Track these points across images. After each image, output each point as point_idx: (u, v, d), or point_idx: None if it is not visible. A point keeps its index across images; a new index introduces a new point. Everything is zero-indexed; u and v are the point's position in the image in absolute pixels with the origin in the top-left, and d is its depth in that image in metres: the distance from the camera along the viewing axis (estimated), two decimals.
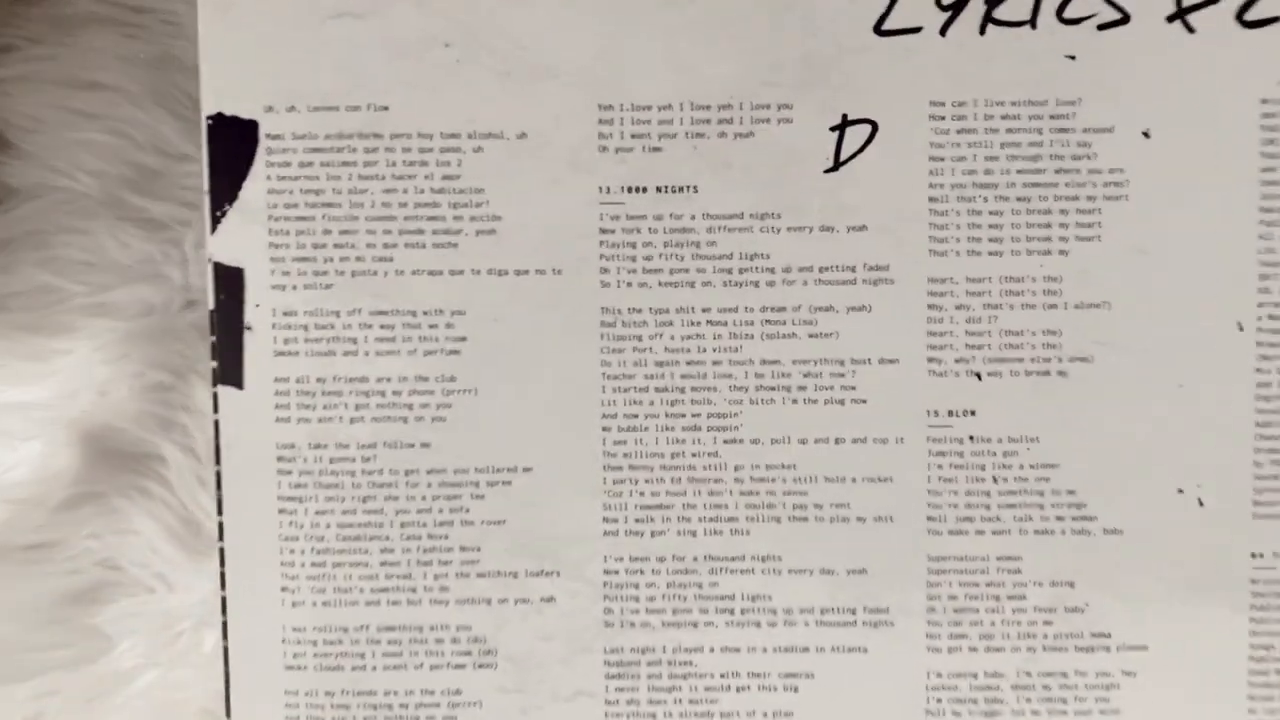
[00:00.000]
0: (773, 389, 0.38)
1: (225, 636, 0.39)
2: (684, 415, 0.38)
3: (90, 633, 0.42)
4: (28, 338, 0.41)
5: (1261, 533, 0.38)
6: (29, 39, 0.41)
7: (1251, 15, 0.37)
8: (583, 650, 0.39)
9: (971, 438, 0.38)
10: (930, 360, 0.38)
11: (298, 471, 0.38)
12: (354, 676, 0.39)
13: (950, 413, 0.38)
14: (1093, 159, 0.37)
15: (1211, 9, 0.37)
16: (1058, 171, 0.37)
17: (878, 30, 0.37)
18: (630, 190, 0.38)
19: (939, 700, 0.39)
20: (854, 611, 0.39)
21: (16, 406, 0.42)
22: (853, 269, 0.38)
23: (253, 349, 0.38)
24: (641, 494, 0.38)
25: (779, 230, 0.38)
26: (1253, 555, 0.38)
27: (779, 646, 0.39)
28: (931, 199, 0.38)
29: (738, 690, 0.39)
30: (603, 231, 0.38)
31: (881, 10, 0.37)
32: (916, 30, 0.37)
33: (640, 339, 0.38)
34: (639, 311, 0.38)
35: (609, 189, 0.38)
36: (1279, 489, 0.38)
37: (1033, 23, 0.37)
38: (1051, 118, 0.37)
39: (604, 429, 0.38)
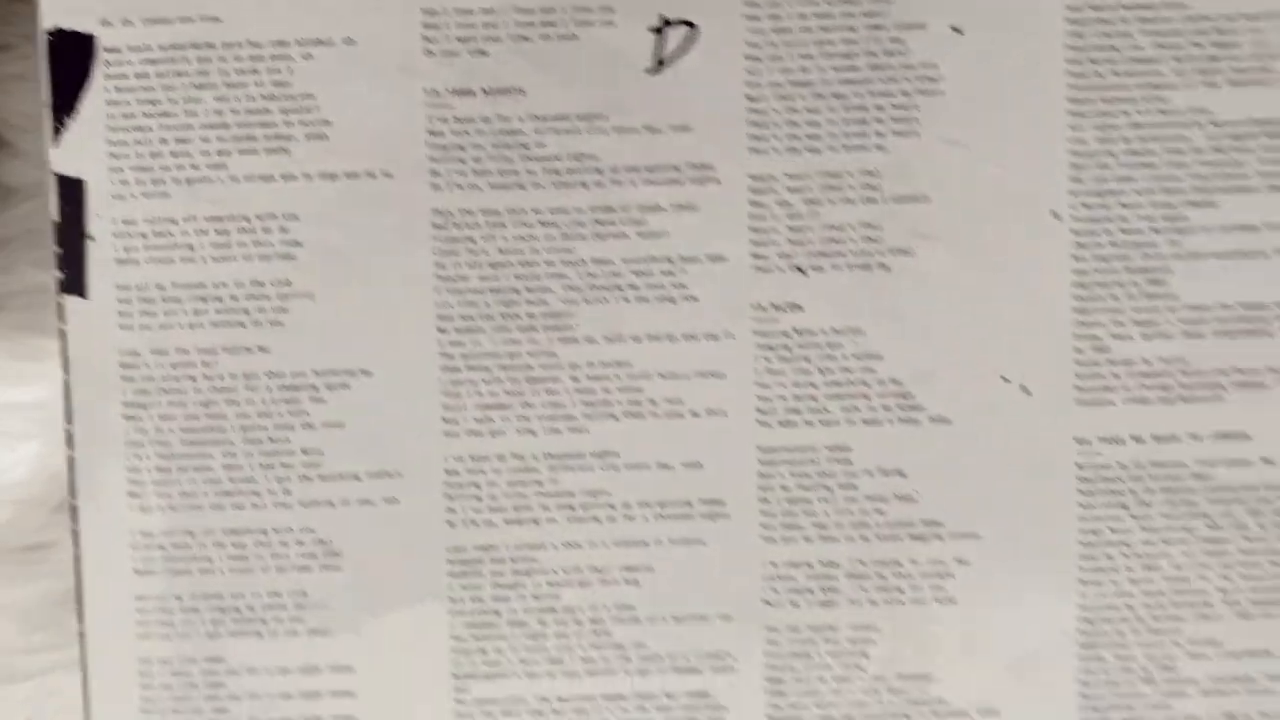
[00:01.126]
0: (605, 288, 0.39)
1: (76, 544, 0.40)
2: (519, 316, 0.39)
3: None
4: (26, 338, 0.42)
5: (1085, 418, 0.39)
6: (25, 36, 0.42)
7: None
8: (426, 550, 0.40)
9: (797, 331, 0.39)
10: (755, 256, 0.39)
11: (141, 378, 0.39)
12: (202, 580, 0.40)
13: (776, 307, 0.39)
14: (906, 55, 0.38)
15: None
16: (872, 68, 0.38)
17: None
18: (457, 93, 0.39)
19: (776, 590, 0.40)
20: (690, 505, 0.39)
21: (15, 407, 0.43)
22: (678, 169, 0.39)
23: (95, 258, 0.39)
24: (480, 394, 0.39)
25: (606, 131, 0.39)
26: (1077, 441, 0.39)
27: (619, 541, 0.39)
28: (750, 98, 0.39)
29: (580, 585, 0.40)
30: (431, 134, 0.39)
31: None
32: None
33: (473, 241, 0.39)
34: (470, 214, 0.39)
35: (437, 92, 0.39)
36: (1100, 375, 0.39)
37: None
38: (864, 15, 0.38)
39: (440, 330, 0.39)
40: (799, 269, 0.39)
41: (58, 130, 0.39)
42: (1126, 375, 0.39)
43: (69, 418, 0.39)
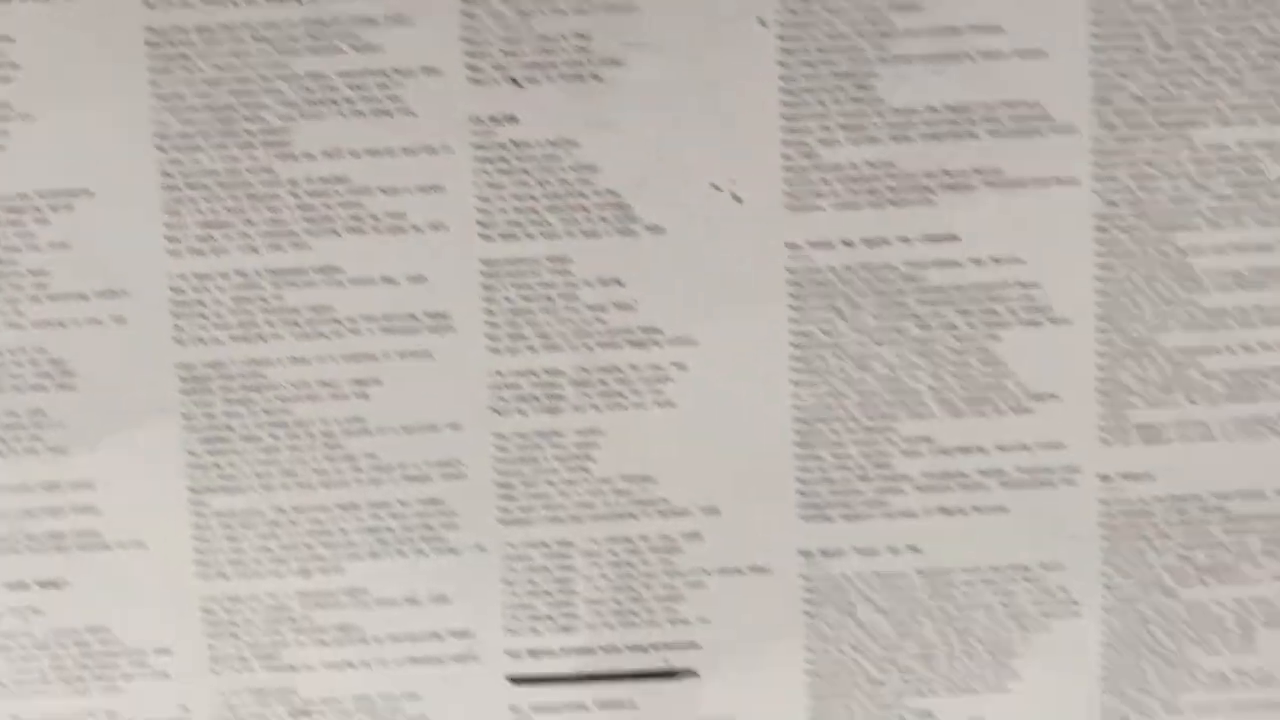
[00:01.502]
0: (322, 103, 0.39)
1: None
2: (237, 133, 0.39)
3: None
4: None
5: (795, 224, 0.40)
6: None
7: None
8: (156, 368, 0.40)
9: (515, 144, 0.40)
10: (470, 69, 0.39)
11: None
12: None
13: (493, 120, 0.40)
14: None
15: None
16: None
17: None
18: None
19: (503, 399, 0.41)
20: (415, 318, 0.40)
21: None
22: None
23: None
24: (201, 212, 0.40)
25: None
26: (788, 246, 0.40)
27: (346, 355, 0.40)
28: None
29: (310, 400, 0.41)
30: None
31: None
32: None
33: (188, 58, 0.39)
34: (184, 31, 0.39)
35: None
36: (809, 181, 0.40)
37: None
38: None
39: (159, 149, 0.39)
40: (514, 80, 0.39)
41: None
42: (835, 180, 0.40)
43: None
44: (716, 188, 0.40)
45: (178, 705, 0.41)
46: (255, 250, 0.40)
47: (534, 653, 0.41)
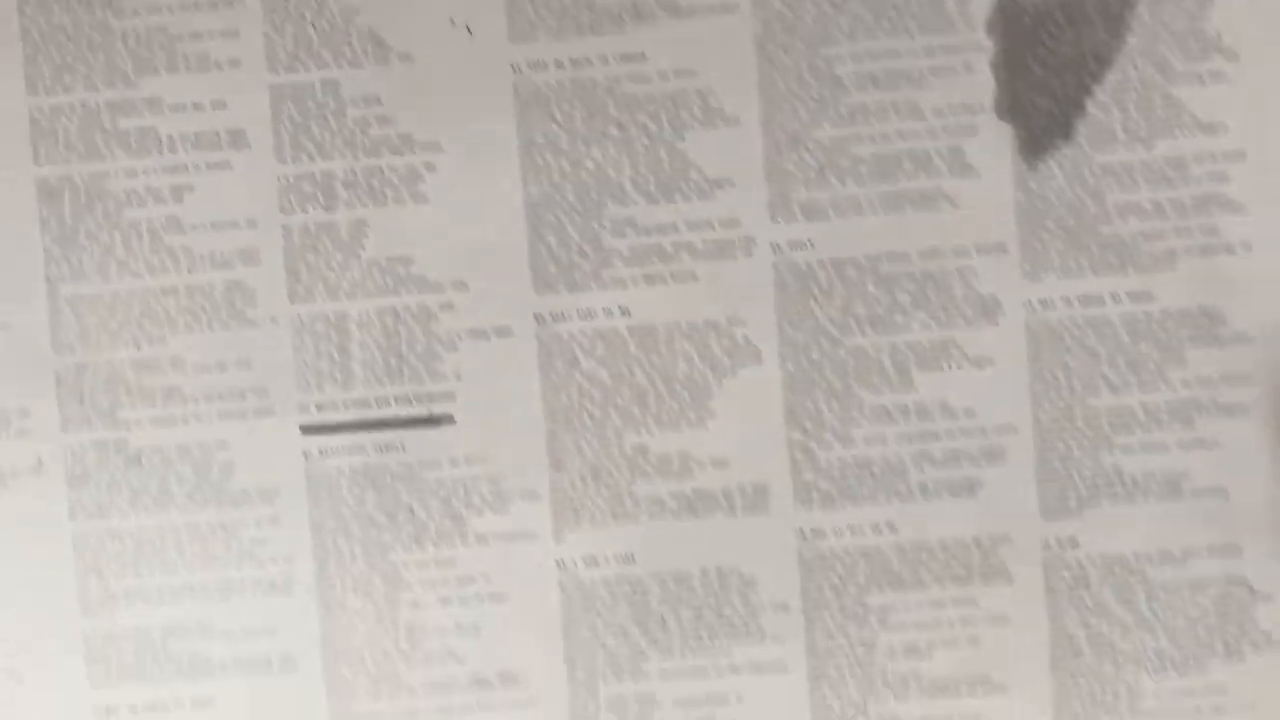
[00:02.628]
0: None
1: None
2: None
3: None
4: None
5: (518, 51, 0.50)
6: None
7: None
8: (16, 184, 0.51)
9: None
10: None
11: None
12: None
13: None
14: None
15: None
16: None
17: None
18: None
19: (289, 199, 0.51)
20: (219, 135, 0.51)
21: None
22: None
23: None
24: (53, 59, 0.51)
25: None
26: (512, 68, 0.50)
27: (166, 168, 0.51)
28: None
29: (139, 205, 0.51)
30: None
31: None
32: None
33: None
34: None
35: None
36: (527, 14, 0.50)
37: None
38: None
39: (20, 11, 0.51)
40: None
41: None
42: (548, 14, 0.50)
43: None
44: (453, 23, 0.50)
45: (34, 457, 0.51)
46: (95, 88, 0.51)
47: (320, 406, 0.51)
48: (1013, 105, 0.50)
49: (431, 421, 0.51)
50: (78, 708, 0.50)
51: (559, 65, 0.50)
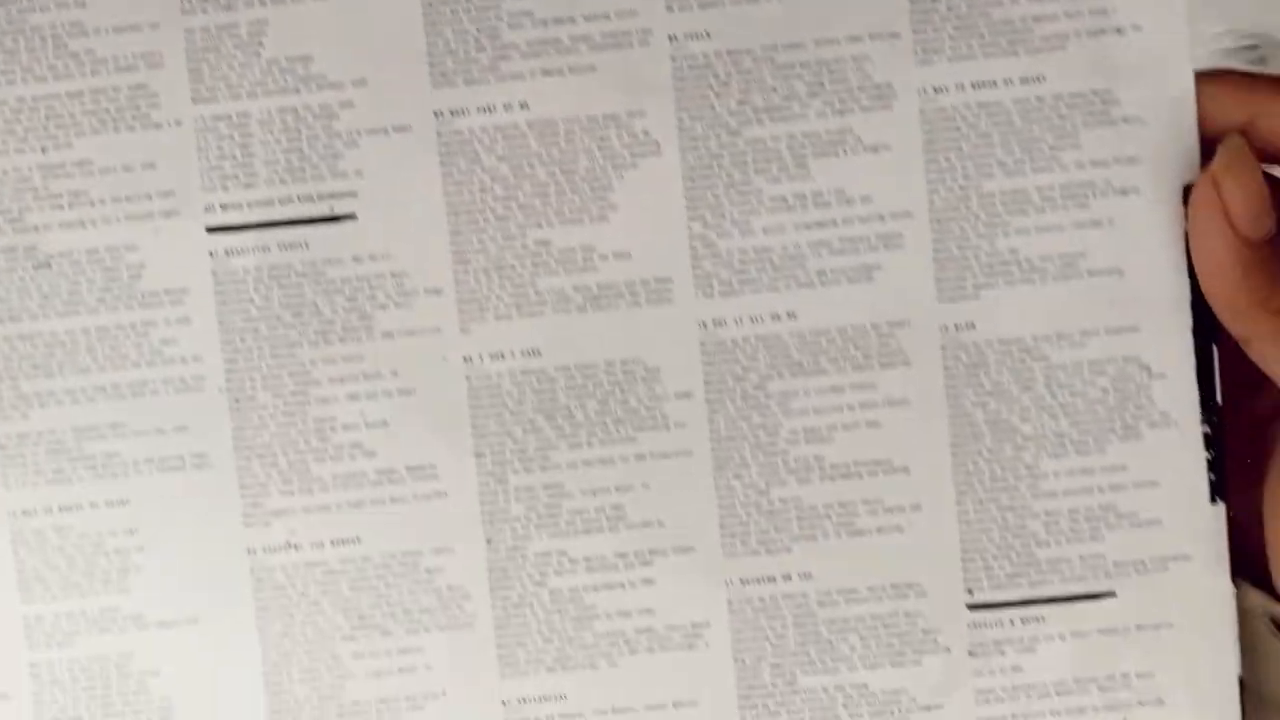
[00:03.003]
0: None
1: None
2: None
3: None
4: None
5: None
6: None
7: None
8: None
9: None
10: None
11: None
12: None
13: None
14: None
15: None
16: None
17: None
18: None
19: (190, 1, 0.51)
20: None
21: None
22: None
23: None
24: None
25: None
26: None
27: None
28: None
29: (40, 10, 0.51)
30: None
31: None
32: None
33: None
34: None
35: None
36: None
37: None
38: None
39: None
40: None
41: None
42: None
43: None
44: None
45: None
46: None
47: (225, 206, 0.52)
48: None
49: (335, 220, 0.51)
50: None
51: None
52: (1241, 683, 0.51)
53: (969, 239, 0.51)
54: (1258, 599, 0.51)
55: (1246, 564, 0.52)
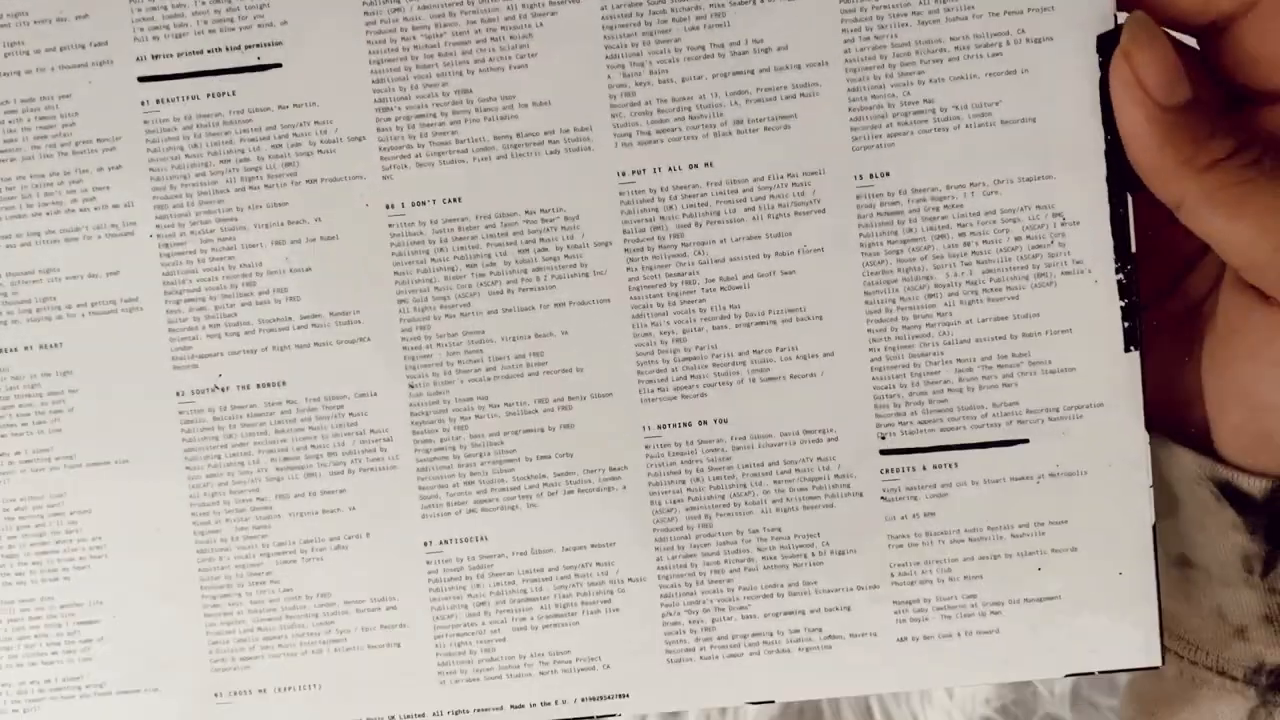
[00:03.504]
0: None
1: None
2: None
3: None
4: None
5: None
6: None
7: None
8: None
9: None
10: None
11: None
12: None
13: None
14: None
15: None
16: None
17: None
18: None
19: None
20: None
21: None
22: None
23: None
24: None
25: None
26: None
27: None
28: None
29: None
30: None
31: None
32: None
33: None
34: None
35: None
36: None
37: None
38: None
39: None
40: None
41: None
42: None
43: None
44: None
45: None
46: None
47: (156, 56, 0.53)
48: None
49: (262, 69, 0.52)
50: None
51: None
52: (1180, 557, 0.52)
53: (884, 88, 0.51)
54: (1195, 462, 0.51)
55: (1181, 429, 0.52)
